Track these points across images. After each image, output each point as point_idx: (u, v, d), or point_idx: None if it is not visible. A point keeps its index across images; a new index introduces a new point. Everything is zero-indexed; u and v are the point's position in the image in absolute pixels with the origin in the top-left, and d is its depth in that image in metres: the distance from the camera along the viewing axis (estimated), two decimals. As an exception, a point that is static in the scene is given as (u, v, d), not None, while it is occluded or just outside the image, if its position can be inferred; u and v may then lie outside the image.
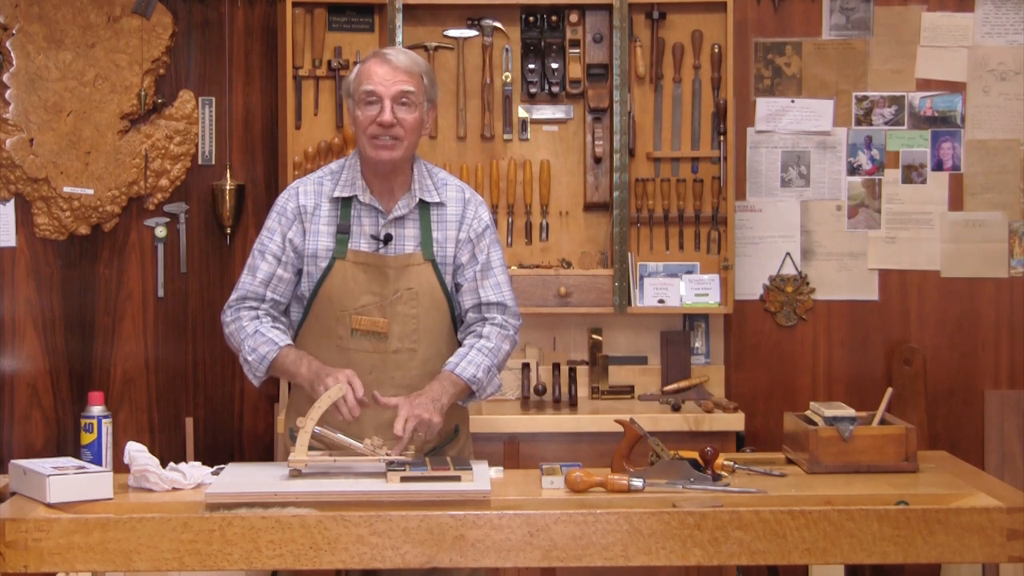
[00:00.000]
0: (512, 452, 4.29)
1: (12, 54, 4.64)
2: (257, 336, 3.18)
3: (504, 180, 4.73)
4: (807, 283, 4.88)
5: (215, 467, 3.10)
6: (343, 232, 3.21)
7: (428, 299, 3.22)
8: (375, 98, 3.14)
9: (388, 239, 3.21)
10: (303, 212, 3.23)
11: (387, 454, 3.00)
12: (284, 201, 3.27)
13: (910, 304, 4.90)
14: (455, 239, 3.25)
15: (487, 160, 4.74)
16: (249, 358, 3.18)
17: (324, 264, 3.20)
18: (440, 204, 3.26)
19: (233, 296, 3.26)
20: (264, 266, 3.23)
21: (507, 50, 4.74)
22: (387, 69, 3.14)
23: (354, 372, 3.05)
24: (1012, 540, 2.73)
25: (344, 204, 3.23)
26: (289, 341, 3.20)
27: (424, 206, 3.25)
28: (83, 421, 3.08)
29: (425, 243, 3.23)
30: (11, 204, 4.73)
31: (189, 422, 4.82)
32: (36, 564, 2.68)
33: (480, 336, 3.25)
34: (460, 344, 3.31)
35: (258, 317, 3.22)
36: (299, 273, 3.24)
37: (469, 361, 3.19)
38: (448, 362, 3.21)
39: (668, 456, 3.00)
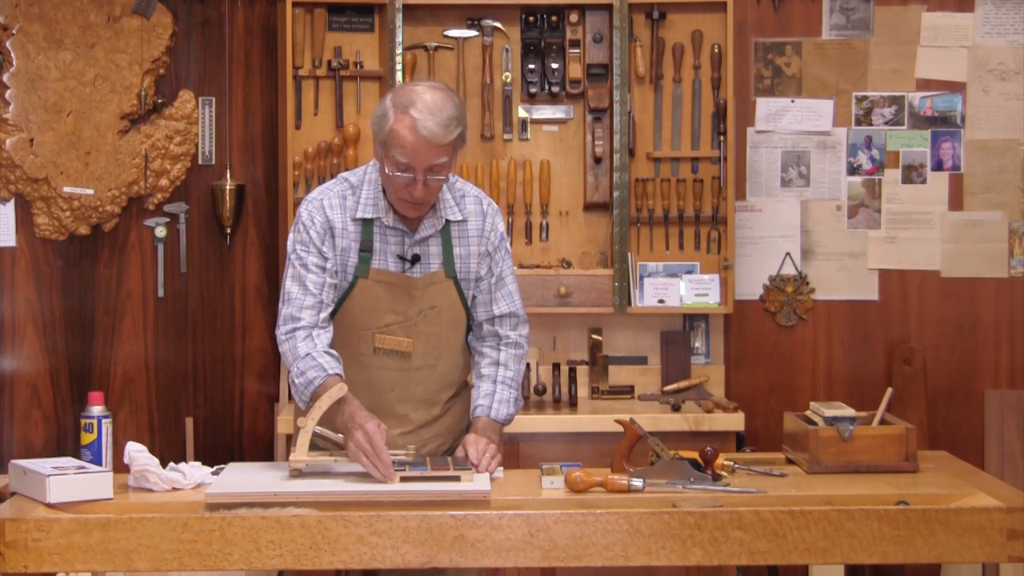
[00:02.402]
0: (512, 452, 4.29)
1: (12, 54, 4.64)
2: (308, 359, 3.06)
3: (504, 180, 4.74)
4: (807, 283, 4.88)
5: (215, 467, 3.10)
6: (365, 250, 3.15)
7: (449, 315, 3.20)
8: (407, 169, 3.02)
9: (415, 259, 3.17)
10: (332, 227, 3.14)
11: (387, 454, 3.01)
12: (310, 214, 3.15)
13: (910, 304, 4.91)
14: (477, 253, 3.22)
15: (487, 160, 4.74)
16: (297, 380, 3.07)
17: (348, 280, 3.16)
18: (462, 221, 3.21)
19: (289, 308, 3.11)
20: (313, 276, 3.11)
21: (507, 50, 4.74)
22: (421, 142, 2.99)
23: (383, 427, 2.96)
24: (1012, 540, 2.73)
25: (365, 222, 3.16)
26: (338, 370, 3.07)
27: (446, 223, 3.20)
28: (83, 421, 3.08)
29: (447, 260, 3.19)
30: (11, 204, 4.73)
31: (189, 422, 4.82)
32: (36, 564, 2.68)
33: (497, 364, 3.25)
34: (468, 346, 3.31)
35: (311, 337, 3.09)
36: None
37: (500, 401, 3.21)
38: (480, 405, 3.21)
39: (668, 456, 3.00)
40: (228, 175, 4.79)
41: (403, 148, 3.00)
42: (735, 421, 4.41)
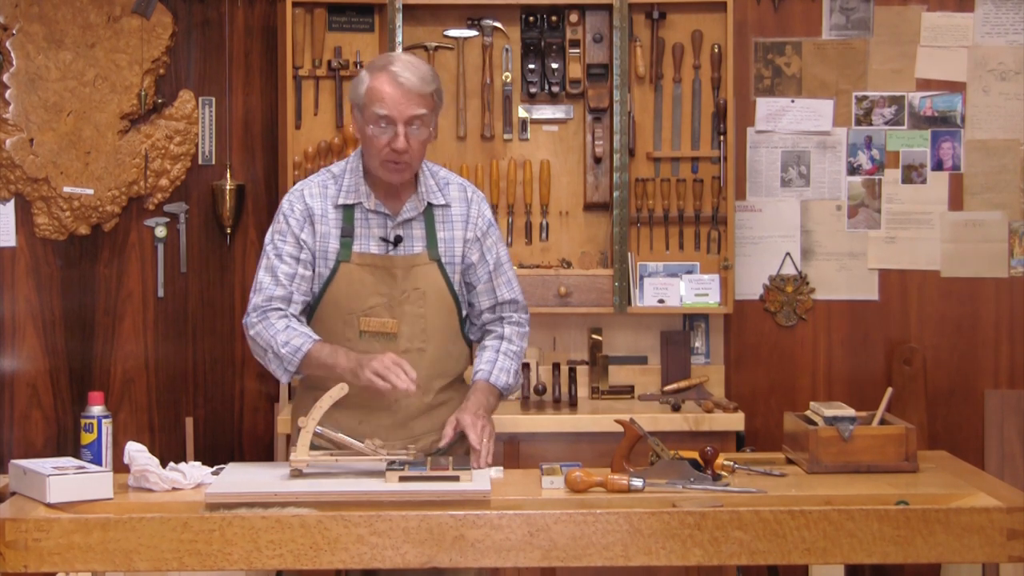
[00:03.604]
0: (512, 452, 4.29)
1: (12, 54, 4.64)
2: (289, 331, 3.12)
3: (504, 180, 4.74)
4: (807, 283, 4.88)
5: (215, 467, 3.10)
6: (347, 236, 3.19)
7: (435, 299, 3.23)
8: (387, 122, 3.09)
9: (398, 241, 3.20)
10: (312, 214, 3.20)
11: (388, 454, 3.01)
12: (291, 204, 3.22)
13: (910, 304, 4.91)
14: (462, 239, 3.26)
15: (487, 160, 4.74)
16: (282, 351, 3.11)
17: (331, 267, 3.20)
18: (445, 205, 3.26)
19: (256, 300, 3.17)
20: (284, 267, 3.17)
21: (507, 50, 4.74)
22: (400, 92, 3.08)
23: (396, 355, 3.03)
24: (1012, 540, 2.73)
25: (347, 209, 3.21)
26: (319, 337, 3.15)
27: (428, 206, 3.25)
28: (83, 421, 3.08)
29: (430, 243, 3.23)
30: (11, 204, 4.73)
31: (189, 422, 4.82)
32: (36, 564, 2.68)
33: (502, 338, 3.32)
34: (468, 341, 3.34)
35: (286, 316, 3.16)
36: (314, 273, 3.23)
37: (500, 368, 3.27)
38: (479, 370, 3.27)
39: (668, 456, 3.00)
40: (228, 175, 4.79)
41: (382, 100, 3.08)
42: (735, 421, 4.41)
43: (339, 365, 3.07)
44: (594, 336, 4.74)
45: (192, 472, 3.01)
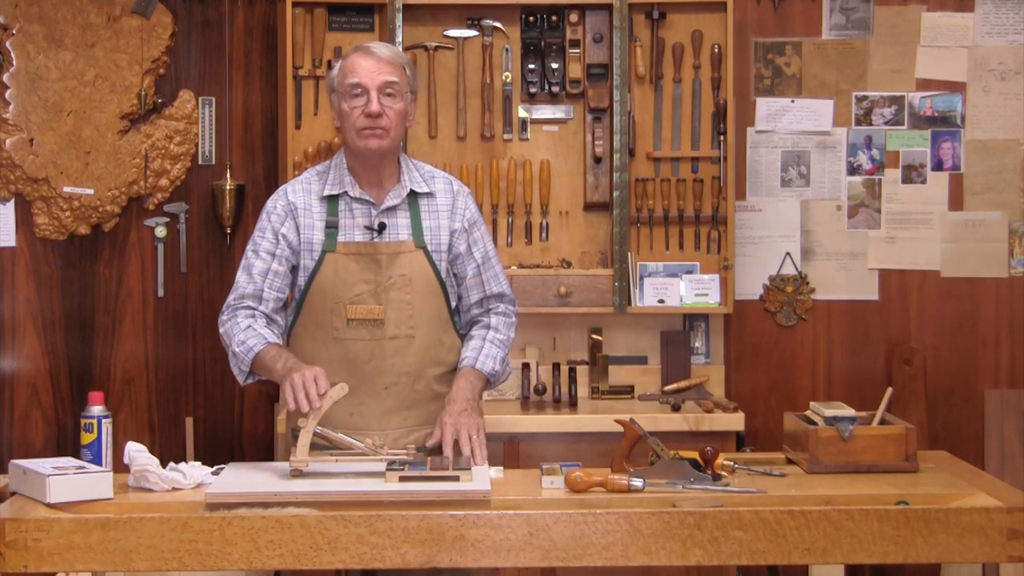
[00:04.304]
0: (512, 452, 4.29)
1: (12, 54, 4.64)
2: (249, 331, 3.20)
3: (504, 180, 4.74)
4: (807, 283, 4.88)
5: (215, 467, 3.10)
6: (331, 227, 3.25)
7: (422, 285, 3.26)
8: (361, 90, 3.18)
9: (383, 227, 3.24)
10: (294, 209, 3.27)
11: (388, 454, 3.01)
12: (273, 201, 3.32)
13: (910, 304, 4.91)
14: (448, 228, 3.31)
15: (487, 160, 4.74)
16: (237, 350, 3.20)
17: (316, 258, 3.23)
18: (429, 194, 3.32)
19: (231, 297, 3.28)
20: (259, 263, 3.25)
21: (507, 50, 4.74)
22: (371, 61, 3.19)
23: (323, 370, 3.02)
24: (1012, 540, 2.73)
25: (331, 201, 3.27)
26: (277, 340, 3.22)
27: (413, 196, 3.30)
28: (83, 421, 3.08)
29: (416, 231, 3.27)
30: (11, 204, 4.73)
31: (189, 422, 4.82)
32: (36, 564, 2.68)
33: (488, 327, 3.36)
34: (460, 335, 3.36)
35: (254, 316, 3.24)
36: (294, 269, 3.27)
37: (486, 355, 3.29)
38: (465, 357, 3.30)
39: (668, 456, 3.00)
40: (228, 175, 4.79)
41: (355, 71, 3.19)
42: (735, 421, 4.41)
43: (275, 370, 3.12)
44: (594, 336, 4.74)
45: (192, 472, 3.01)
